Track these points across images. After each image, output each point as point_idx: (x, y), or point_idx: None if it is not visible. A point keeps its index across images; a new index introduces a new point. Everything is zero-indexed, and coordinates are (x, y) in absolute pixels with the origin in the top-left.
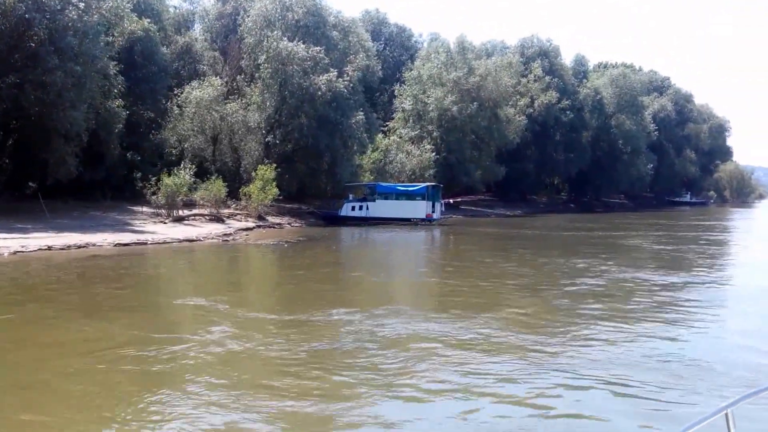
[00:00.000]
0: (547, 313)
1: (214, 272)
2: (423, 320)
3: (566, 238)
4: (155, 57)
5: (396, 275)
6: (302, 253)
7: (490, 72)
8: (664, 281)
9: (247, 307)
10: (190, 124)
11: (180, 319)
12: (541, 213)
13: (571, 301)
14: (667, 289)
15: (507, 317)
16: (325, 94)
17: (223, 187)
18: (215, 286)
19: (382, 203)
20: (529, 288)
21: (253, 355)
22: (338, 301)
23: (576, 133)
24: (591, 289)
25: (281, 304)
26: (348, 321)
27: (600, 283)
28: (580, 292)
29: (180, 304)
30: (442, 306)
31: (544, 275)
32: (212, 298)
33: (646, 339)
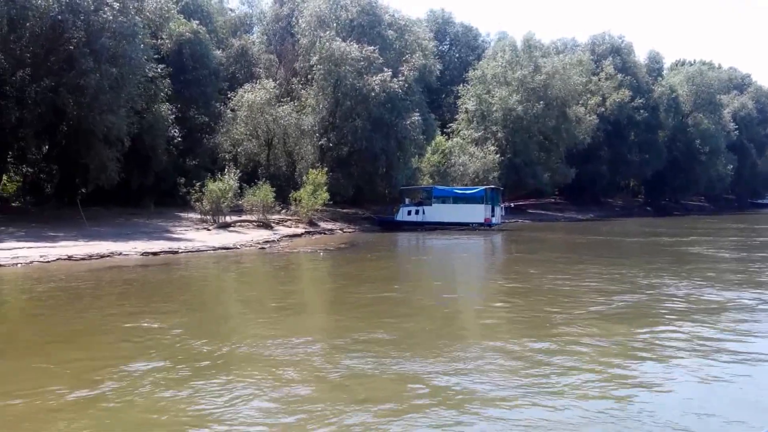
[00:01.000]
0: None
1: (210, 288)
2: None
3: (643, 246)
4: (205, 60)
5: (439, 296)
6: (336, 262)
7: (557, 70)
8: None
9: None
10: (243, 127)
11: (91, 355)
12: (616, 216)
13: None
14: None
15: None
16: (379, 94)
17: (270, 192)
18: (189, 306)
19: (438, 207)
20: (607, 319)
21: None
22: (358, 336)
23: (651, 133)
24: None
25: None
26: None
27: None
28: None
29: (128, 327)
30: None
31: (622, 301)
32: (168, 321)
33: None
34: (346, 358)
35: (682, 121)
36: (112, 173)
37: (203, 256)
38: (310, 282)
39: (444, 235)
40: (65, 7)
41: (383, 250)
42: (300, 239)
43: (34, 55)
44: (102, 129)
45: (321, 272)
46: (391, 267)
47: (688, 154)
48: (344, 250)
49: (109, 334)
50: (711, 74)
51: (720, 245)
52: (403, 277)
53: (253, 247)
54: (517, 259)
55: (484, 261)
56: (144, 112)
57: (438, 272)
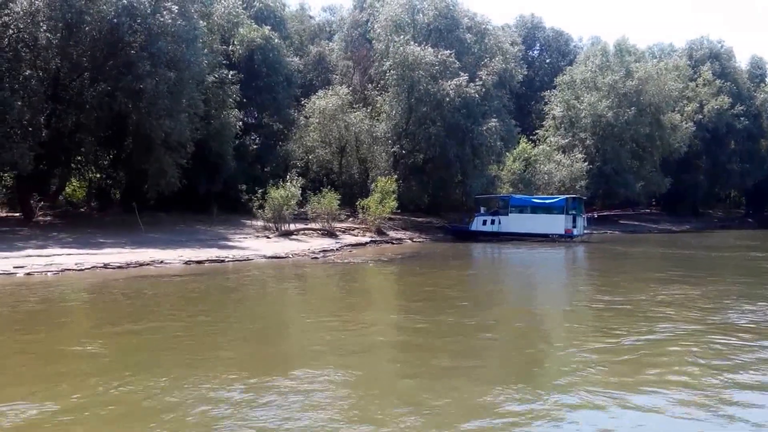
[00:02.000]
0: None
1: (224, 306)
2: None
3: (726, 261)
4: (277, 66)
5: (477, 332)
6: (383, 276)
7: (651, 75)
8: None
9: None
10: (316, 134)
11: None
12: (714, 229)
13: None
14: None
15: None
16: (454, 99)
17: (335, 199)
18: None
19: (515, 217)
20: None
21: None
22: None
23: (752, 142)
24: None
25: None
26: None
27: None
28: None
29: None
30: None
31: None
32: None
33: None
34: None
35: None
36: (172, 179)
37: (250, 265)
38: (333, 301)
39: (519, 246)
40: (122, 11)
41: (443, 263)
42: (364, 248)
43: (93, 59)
44: (160, 134)
45: (359, 287)
46: (440, 282)
47: None
48: (401, 261)
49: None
50: None
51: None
52: (440, 296)
53: (307, 256)
54: (585, 277)
55: (544, 278)
56: (212, 118)
57: (477, 292)
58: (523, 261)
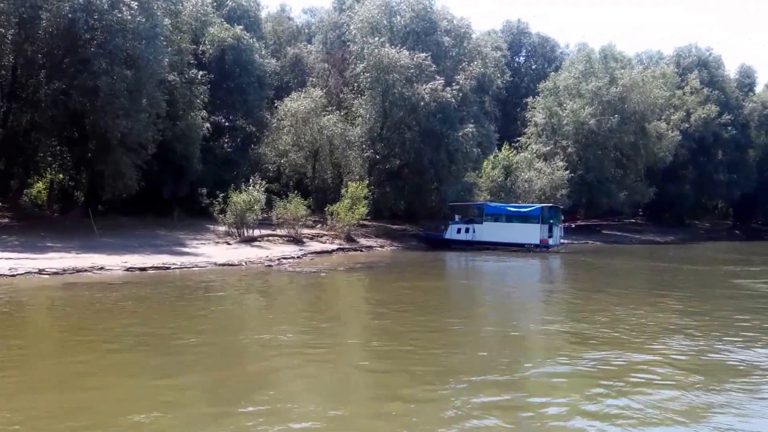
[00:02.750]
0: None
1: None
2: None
3: (698, 276)
4: (249, 67)
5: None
6: (329, 289)
7: (636, 82)
8: None
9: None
10: (288, 138)
11: None
12: (700, 240)
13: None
14: None
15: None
16: (429, 104)
17: (301, 204)
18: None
19: (490, 226)
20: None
21: None
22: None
23: (740, 152)
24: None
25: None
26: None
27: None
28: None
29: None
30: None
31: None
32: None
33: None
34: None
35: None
36: (129, 181)
37: (196, 273)
38: (243, 319)
39: (491, 256)
40: (79, 7)
41: (406, 274)
42: (328, 256)
43: (50, 56)
44: (116, 134)
45: (288, 301)
46: (393, 298)
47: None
48: (360, 271)
49: None
50: None
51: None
52: (387, 320)
53: (261, 264)
54: (544, 295)
55: (503, 292)
56: (178, 119)
57: (433, 316)
58: (488, 274)
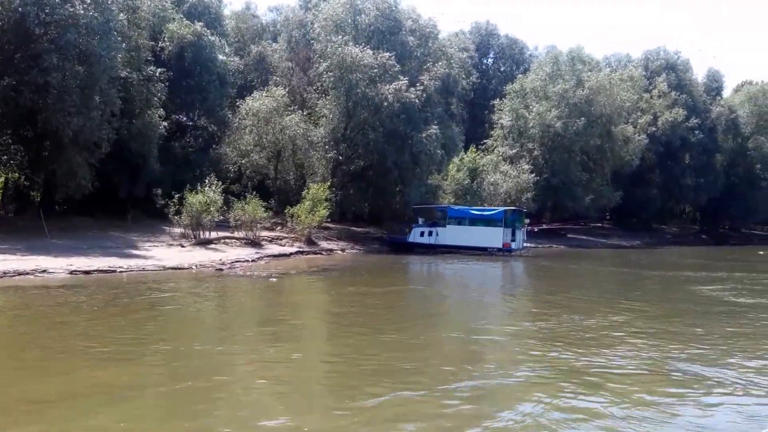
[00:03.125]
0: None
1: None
2: None
3: (656, 282)
4: (210, 64)
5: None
6: (274, 294)
7: (603, 85)
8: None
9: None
10: (250, 137)
11: None
12: (666, 245)
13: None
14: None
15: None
16: (393, 104)
17: (260, 206)
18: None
19: (453, 229)
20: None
21: None
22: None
23: (707, 156)
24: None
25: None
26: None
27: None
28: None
29: None
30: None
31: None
32: None
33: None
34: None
35: (742, 144)
36: (83, 181)
37: (144, 276)
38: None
39: (455, 260)
40: (29, 0)
41: (362, 278)
42: (286, 260)
43: (1, 51)
44: (68, 132)
45: (235, 305)
46: (337, 299)
47: (747, 179)
48: (314, 275)
49: None
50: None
51: (746, 286)
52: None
53: (212, 267)
54: (497, 299)
55: (455, 303)
56: (134, 117)
57: (382, 323)
58: (447, 279)
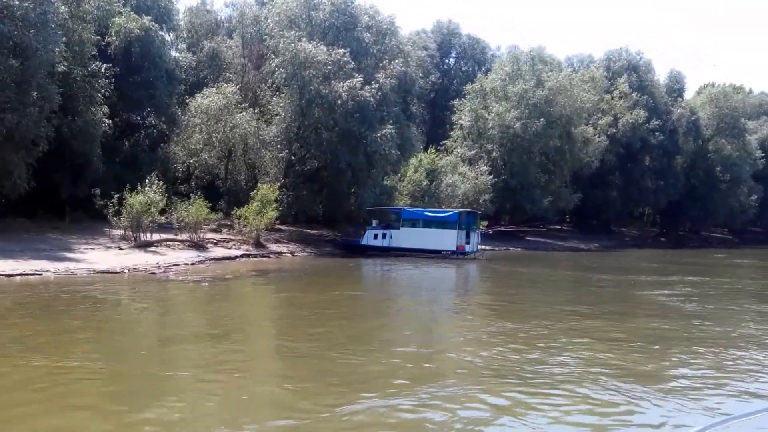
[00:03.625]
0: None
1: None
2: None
3: (601, 287)
4: (158, 60)
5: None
6: (189, 300)
7: (563, 86)
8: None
9: None
10: (200, 136)
11: None
12: (625, 247)
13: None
14: None
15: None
16: (347, 102)
17: (205, 207)
18: None
19: (407, 231)
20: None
21: None
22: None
23: (668, 158)
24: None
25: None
26: None
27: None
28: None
29: None
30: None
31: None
32: None
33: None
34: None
35: (703, 146)
36: (18, 180)
37: (69, 280)
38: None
39: (407, 263)
40: None
41: (303, 282)
42: (231, 263)
43: None
44: (1, 129)
45: (151, 313)
46: (271, 305)
47: (707, 182)
48: (255, 279)
49: None
50: (737, 97)
51: (695, 290)
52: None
53: (146, 271)
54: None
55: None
56: (76, 114)
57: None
58: (394, 284)
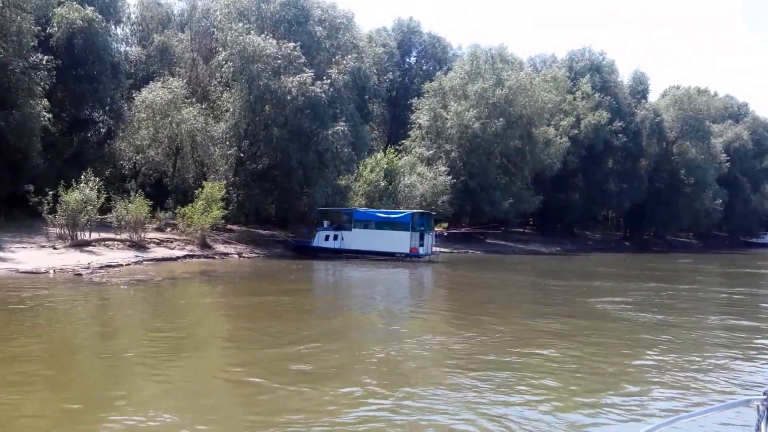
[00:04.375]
0: None
1: None
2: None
3: (548, 294)
4: (102, 53)
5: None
6: (99, 305)
7: (523, 85)
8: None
9: None
10: (146, 132)
11: None
12: (587, 251)
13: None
14: None
15: None
16: (297, 98)
17: (145, 205)
18: None
19: (359, 233)
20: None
21: None
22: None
23: (631, 161)
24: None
25: None
26: None
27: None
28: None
29: None
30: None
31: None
32: None
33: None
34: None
35: (667, 149)
36: None
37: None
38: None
39: (358, 266)
40: None
41: (241, 285)
42: (171, 264)
43: None
44: None
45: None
46: (193, 311)
47: (671, 185)
48: (186, 282)
49: None
50: (701, 99)
51: (648, 298)
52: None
53: (73, 272)
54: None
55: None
56: (13, 108)
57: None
58: (336, 289)
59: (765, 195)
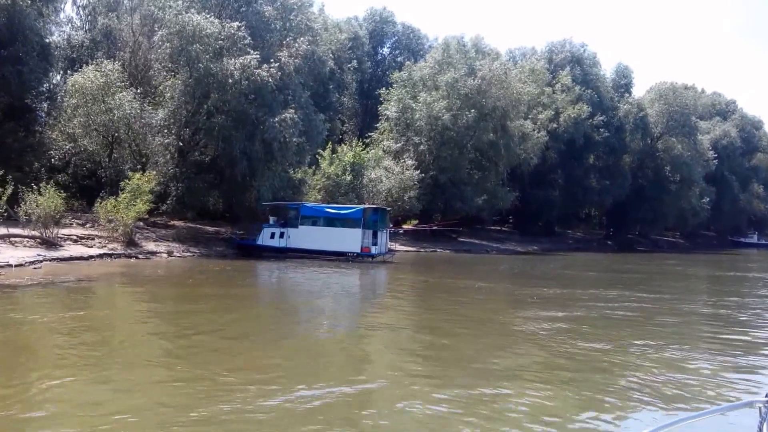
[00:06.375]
0: None
1: None
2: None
3: (505, 300)
4: (29, 33)
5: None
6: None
7: (497, 76)
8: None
9: None
10: (78, 120)
11: None
12: (567, 251)
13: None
14: None
15: None
16: (240, 82)
17: (58, 199)
18: None
19: (306, 230)
20: None
21: None
22: None
23: (614, 157)
24: None
25: None
26: None
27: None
28: None
29: None
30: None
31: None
32: None
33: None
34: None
35: (651, 144)
36: None
37: None
38: None
39: (303, 267)
40: None
41: (158, 292)
42: (81, 264)
43: None
44: None
45: None
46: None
47: (656, 182)
48: (78, 286)
49: None
50: (688, 94)
51: (622, 306)
52: None
53: None
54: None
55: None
56: None
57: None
58: (249, 299)
59: (754, 194)
